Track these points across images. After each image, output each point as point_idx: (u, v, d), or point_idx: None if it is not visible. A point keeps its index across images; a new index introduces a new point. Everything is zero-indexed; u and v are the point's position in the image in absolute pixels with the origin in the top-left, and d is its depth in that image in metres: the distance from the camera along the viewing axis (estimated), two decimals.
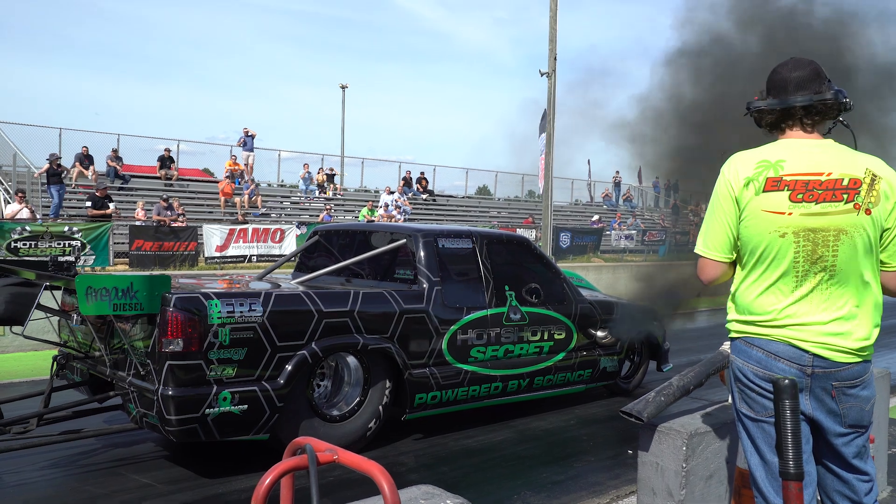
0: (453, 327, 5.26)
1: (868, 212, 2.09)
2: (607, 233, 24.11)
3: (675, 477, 2.97)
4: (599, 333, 6.25)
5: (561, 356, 5.98)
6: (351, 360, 4.91)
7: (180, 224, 15.61)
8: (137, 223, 15.27)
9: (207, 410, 4.15)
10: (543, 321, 5.83)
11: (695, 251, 2.33)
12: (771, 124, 2.28)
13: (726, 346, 3.42)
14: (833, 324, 2.13)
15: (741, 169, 2.20)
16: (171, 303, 4.09)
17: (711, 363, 3.38)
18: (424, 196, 24.93)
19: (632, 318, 6.64)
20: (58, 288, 4.83)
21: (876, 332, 2.19)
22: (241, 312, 4.28)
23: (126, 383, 4.37)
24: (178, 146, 21.19)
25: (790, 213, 2.12)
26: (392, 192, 23.47)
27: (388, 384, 4.99)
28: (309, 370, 4.63)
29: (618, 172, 31.41)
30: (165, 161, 20.12)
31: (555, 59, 20.18)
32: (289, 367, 4.44)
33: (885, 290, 2.24)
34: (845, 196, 2.10)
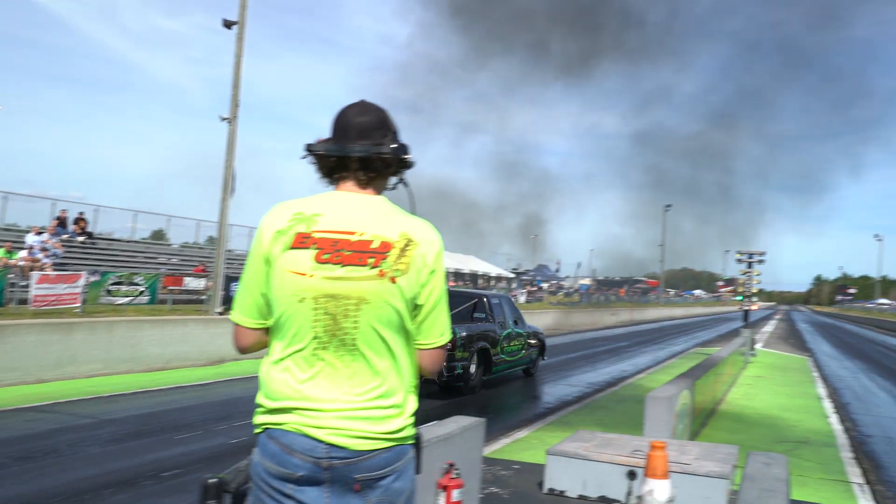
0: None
1: (393, 280, 1.80)
2: None
3: None
4: (531, 340, 13.72)
5: (524, 352, 13.17)
6: None
7: None
8: None
9: None
10: (521, 335, 12.89)
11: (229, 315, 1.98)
12: (327, 173, 1.93)
13: None
14: (352, 407, 1.79)
15: (275, 221, 1.85)
16: None
17: None
18: (82, 238, 21.89)
19: (535, 333, 14.10)
20: None
21: (408, 409, 1.87)
22: None
23: None
24: None
25: (312, 276, 1.79)
26: (41, 233, 20.12)
27: None
28: None
29: None
30: None
31: (237, 105, 20.11)
32: None
33: (421, 370, 1.94)
34: (371, 260, 1.80)
